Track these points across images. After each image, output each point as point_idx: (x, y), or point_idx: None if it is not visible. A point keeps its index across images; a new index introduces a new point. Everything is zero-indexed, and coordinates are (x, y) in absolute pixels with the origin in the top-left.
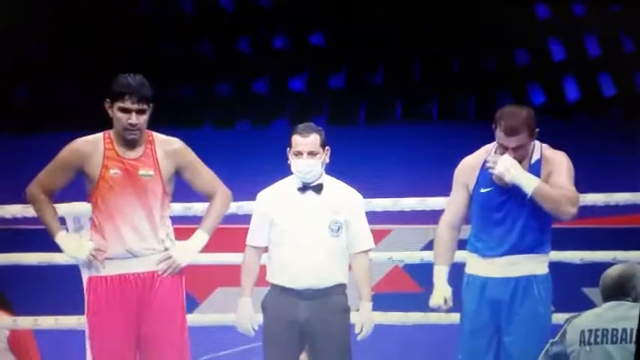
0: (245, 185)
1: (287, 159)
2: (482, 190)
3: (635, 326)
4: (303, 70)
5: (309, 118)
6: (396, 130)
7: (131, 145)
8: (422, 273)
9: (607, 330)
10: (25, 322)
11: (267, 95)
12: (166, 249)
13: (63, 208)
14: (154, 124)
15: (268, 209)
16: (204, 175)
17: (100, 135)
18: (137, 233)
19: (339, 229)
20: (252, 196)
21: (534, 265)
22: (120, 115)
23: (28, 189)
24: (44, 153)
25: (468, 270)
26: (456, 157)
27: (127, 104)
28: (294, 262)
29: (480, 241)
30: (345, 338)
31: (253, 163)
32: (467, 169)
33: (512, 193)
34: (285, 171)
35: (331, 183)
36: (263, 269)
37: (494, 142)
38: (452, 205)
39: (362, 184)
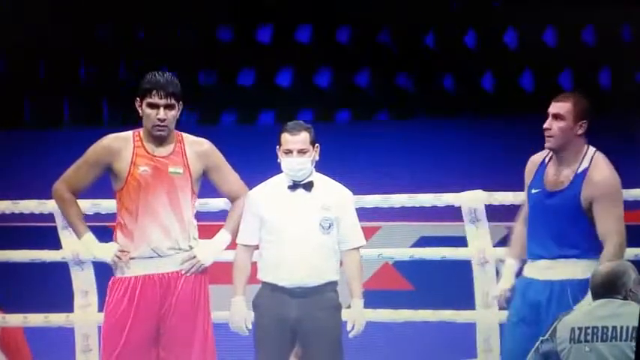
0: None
1: (276, 157)
2: (534, 191)
3: (625, 324)
4: (288, 65)
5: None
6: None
7: (160, 142)
8: (412, 270)
9: (597, 328)
10: (15, 320)
11: (253, 90)
12: (190, 248)
13: (104, 205)
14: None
15: (259, 207)
16: (229, 178)
17: (129, 132)
18: (165, 232)
19: (329, 227)
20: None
21: (573, 269)
22: (148, 111)
23: (55, 186)
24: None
25: (524, 273)
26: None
27: (155, 99)
28: (285, 260)
29: (529, 242)
30: (337, 335)
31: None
32: (530, 167)
33: (553, 200)
34: (270, 166)
35: (321, 180)
36: (254, 267)
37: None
38: (524, 203)
39: (352, 180)
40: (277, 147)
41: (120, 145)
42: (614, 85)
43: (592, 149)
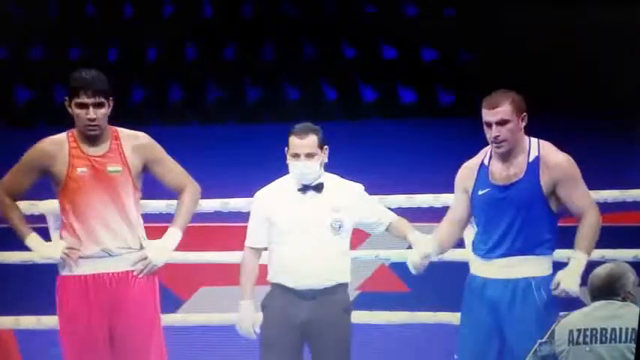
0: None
1: (284, 159)
2: (481, 192)
3: (624, 325)
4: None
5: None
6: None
7: (95, 141)
8: (408, 272)
9: (596, 329)
10: (6, 322)
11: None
12: (141, 247)
13: (42, 206)
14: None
15: (268, 209)
16: (172, 169)
17: (64, 134)
18: (111, 232)
19: (340, 228)
20: (235, 193)
21: (534, 266)
22: (78, 111)
23: None
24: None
25: (471, 271)
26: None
27: (83, 99)
28: (295, 262)
29: (481, 242)
30: (346, 339)
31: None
32: (465, 173)
33: (509, 193)
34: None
35: (332, 181)
36: (261, 268)
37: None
38: (453, 209)
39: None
40: (286, 149)
41: (55, 149)
42: (614, 84)
43: (533, 138)
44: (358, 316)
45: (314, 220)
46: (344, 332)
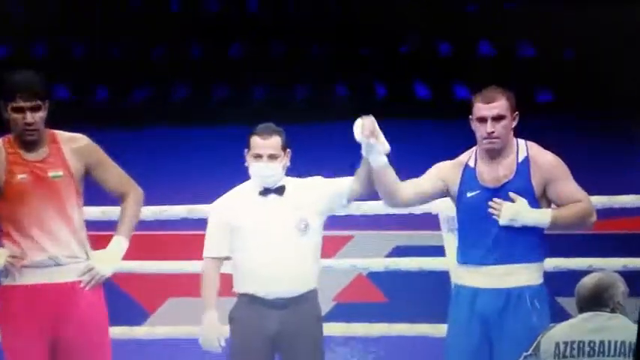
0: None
1: (244, 161)
2: (469, 194)
3: (612, 338)
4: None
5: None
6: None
7: (34, 146)
8: (387, 281)
9: (583, 342)
10: None
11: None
12: (87, 257)
13: None
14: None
15: (228, 216)
16: (114, 173)
17: None
18: (56, 240)
19: (306, 227)
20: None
21: (527, 275)
22: (14, 115)
23: None
24: None
25: (457, 280)
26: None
27: (19, 103)
28: (261, 270)
29: (469, 249)
30: (319, 349)
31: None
32: (448, 169)
33: (500, 195)
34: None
35: (292, 183)
36: (224, 278)
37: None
38: (419, 181)
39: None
40: (246, 150)
41: None
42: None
43: (520, 139)
44: (334, 328)
45: (278, 222)
46: (316, 342)
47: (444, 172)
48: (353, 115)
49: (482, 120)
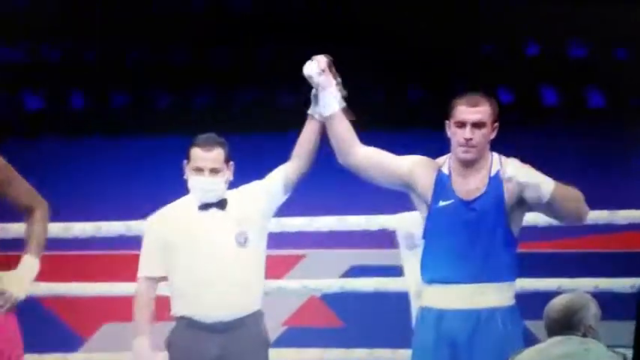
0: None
1: (183, 174)
2: (442, 203)
3: None
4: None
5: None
6: None
7: None
8: (342, 304)
9: None
10: None
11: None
12: None
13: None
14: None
15: (165, 233)
16: (19, 186)
17: None
18: None
19: (245, 241)
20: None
21: (499, 295)
22: None
23: None
24: None
25: (423, 302)
26: None
27: None
28: (200, 290)
29: (437, 266)
30: None
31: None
32: (425, 164)
33: (479, 202)
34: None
35: (235, 195)
36: (160, 301)
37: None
38: (382, 152)
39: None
40: (185, 162)
41: None
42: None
43: (495, 153)
44: (285, 354)
45: (218, 238)
46: None
47: (419, 168)
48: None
49: (462, 125)
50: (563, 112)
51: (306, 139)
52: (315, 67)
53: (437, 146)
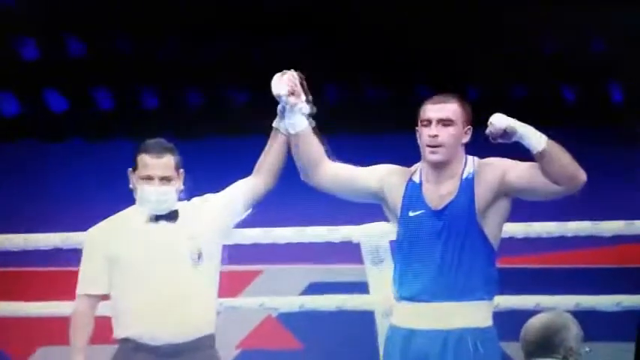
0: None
1: (129, 183)
2: (412, 214)
3: None
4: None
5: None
6: None
7: None
8: (301, 324)
9: None
10: None
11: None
12: None
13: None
14: None
15: (108, 247)
16: None
17: None
18: None
19: (199, 257)
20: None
21: (473, 314)
22: None
23: None
24: None
25: (394, 321)
26: None
27: None
28: (147, 310)
29: (406, 282)
30: None
31: None
32: (396, 172)
33: (444, 217)
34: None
35: (187, 206)
36: (99, 321)
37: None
38: (349, 166)
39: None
40: (130, 170)
41: None
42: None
43: (471, 157)
44: None
45: (168, 254)
46: None
47: (390, 178)
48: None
49: (428, 123)
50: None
51: (272, 154)
52: (285, 87)
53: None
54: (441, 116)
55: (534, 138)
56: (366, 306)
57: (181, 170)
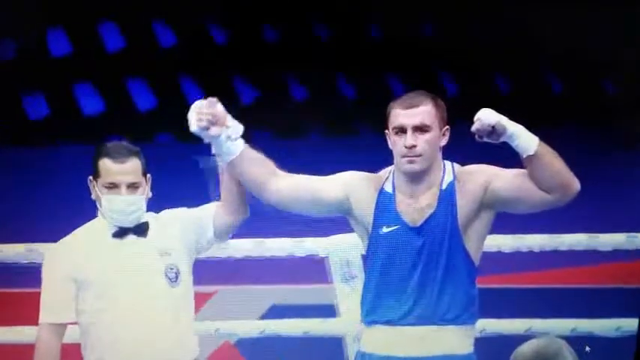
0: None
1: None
2: (386, 230)
3: None
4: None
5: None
6: None
7: None
8: (261, 351)
9: None
10: None
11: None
12: None
13: None
14: None
15: (72, 267)
16: None
17: None
18: None
19: (176, 276)
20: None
21: (454, 340)
22: None
23: None
24: None
25: (363, 347)
26: None
27: None
28: (121, 337)
29: (379, 304)
30: None
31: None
32: (363, 180)
33: (427, 225)
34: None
35: (156, 218)
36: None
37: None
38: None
39: None
40: (90, 178)
41: None
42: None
43: (449, 163)
44: None
45: (139, 272)
46: None
47: (357, 188)
48: None
49: (401, 130)
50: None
51: (226, 187)
52: (201, 122)
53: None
54: (416, 123)
55: (525, 139)
56: (336, 331)
57: (148, 175)
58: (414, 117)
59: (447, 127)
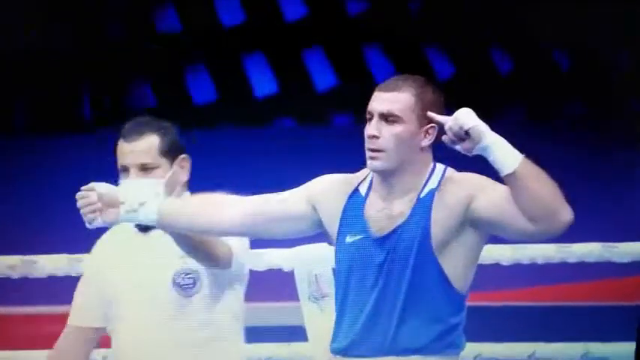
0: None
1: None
2: (350, 239)
3: None
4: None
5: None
6: None
7: None
8: None
9: None
10: None
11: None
12: None
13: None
14: None
15: (103, 268)
16: None
17: None
18: None
19: (194, 285)
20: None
21: None
22: None
23: None
24: None
25: None
26: None
27: None
28: (132, 349)
29: (341, 329)
30: None
31: None
32: (332, 184)
33: (393, 237)
34: None
35: None
36: None
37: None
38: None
39: None
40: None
41: None
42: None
43: (441, 166)
44: None
45: (155, 275)
46: None
47: (323, 192)
48: None
49: (370, 117)
50: None
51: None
52: (89, 217)
53: None
54: (382, 110)
55: (503, 154)
56: (303, 357)
57: (182, 156)
58: (382, 102)
59: (433, 125)
